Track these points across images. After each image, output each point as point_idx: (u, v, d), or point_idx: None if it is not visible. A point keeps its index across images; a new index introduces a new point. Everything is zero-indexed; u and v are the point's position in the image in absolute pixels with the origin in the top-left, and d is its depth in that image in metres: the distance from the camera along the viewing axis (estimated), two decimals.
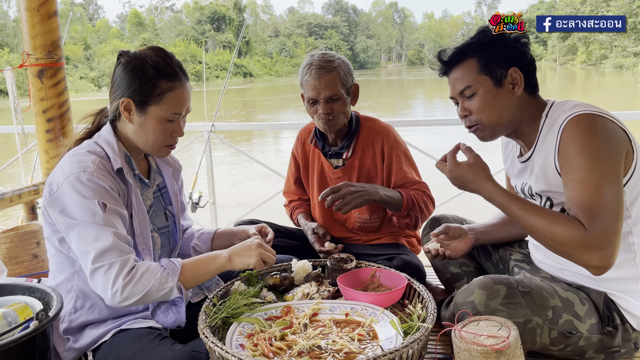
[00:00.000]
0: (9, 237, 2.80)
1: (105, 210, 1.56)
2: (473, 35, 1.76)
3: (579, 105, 1.61)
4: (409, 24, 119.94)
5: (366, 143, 2.41)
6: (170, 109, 1.69)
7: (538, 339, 1.60)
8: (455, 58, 1.74)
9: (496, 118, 1.71)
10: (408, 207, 2.28)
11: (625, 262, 1.64)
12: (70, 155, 1.66)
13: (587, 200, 1.47)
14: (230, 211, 6.96)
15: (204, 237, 2.09)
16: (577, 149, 1.52)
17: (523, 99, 1.72)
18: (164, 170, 1.94)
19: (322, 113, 2.27)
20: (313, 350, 1.45)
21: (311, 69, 2.24)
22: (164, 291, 1.58)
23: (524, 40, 1.71)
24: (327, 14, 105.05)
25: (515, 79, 1.69)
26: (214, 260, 1.71)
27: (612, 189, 1.47)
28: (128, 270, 1.54)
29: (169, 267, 1.61)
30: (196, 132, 4.63)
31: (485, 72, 1.69)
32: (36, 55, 3.01)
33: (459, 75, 1.73)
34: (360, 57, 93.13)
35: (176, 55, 1.77)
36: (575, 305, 1.63)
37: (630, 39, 38.59)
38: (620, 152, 1.52)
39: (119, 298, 1.53)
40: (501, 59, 1.68)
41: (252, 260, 1.71)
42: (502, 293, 1.58)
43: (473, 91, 1.71)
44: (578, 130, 1.54)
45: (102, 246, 1.53)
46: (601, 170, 1.48)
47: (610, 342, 1.64)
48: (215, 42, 67.35)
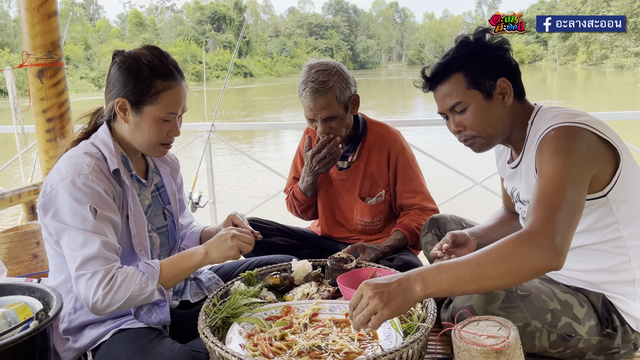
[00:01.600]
0: (9, 237, 2.80)
1: (95, 217, 1.56)
2: (455, 49, 1.70)
3: (561, 115, 1.58)
4: (410, 24, 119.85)
5: (372, 147, 2.42)
6: (166, 108, 1.68)
7: (537, 342, 1.60)
8: (440, 74, 1.70)
9: (491, 130, 1.69)
10: (413, 239, 2.37)
11: (620, 265, 1.63)
12: (66, 157, 1.65)
13: (549, 195, 1.41)
14: (230, 211, 6.95)
15: (192, 237, 2.10)
16: (550, 150, 1.49)
17: (513, 107, 1.70)
18: (162, 169, 1.94)
19: (320, 132, 2.28)
20: (313, 350, 1.45)
21: (306, 89, 2.21)
22: (144, 294, 1.59)
23: (507, 46, 1.69)
24: (327, 14, 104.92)
25: (505, 89, 1.67)
26: (190, 257, 1.71)
27: (576, 191, 1.42)
28: (109, 279, 1.54)
29: (148, 270, 1.62)
30: (196, 132, 4.63)
31: (474, 85, 1.65)
32: (36, 55, 3.01)
33: (447, 91, 1.69)
34: (360, 57, 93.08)
35: (176, 56, 1.79)
36: (574, 307, 1.62)
37: (631, 39, 38.58)
38: (592, 164, 1.49)
39: (100, 306, 1.55)
40: (488, 70, 1.65)
41: (231, 253, 1.71)
42: (501, 297, 1.58)
43: (464, 106, 1.68)
44: (553, 138, 1.51)
45: (88, 253, 1.53)
46: (571, 170, 1.44)
47: (609, 344, 1.64)
48: (215, 42, 67.34)
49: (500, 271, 1.31)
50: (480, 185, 4.22)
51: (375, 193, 2.46)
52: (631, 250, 1.62)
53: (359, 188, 2.46)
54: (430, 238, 2.21)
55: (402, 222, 2.42)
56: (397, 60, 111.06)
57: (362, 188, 2.46)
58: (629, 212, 1.60)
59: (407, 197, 2.44)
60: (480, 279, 1.31)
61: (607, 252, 1.62)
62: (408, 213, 2.44)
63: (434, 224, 2.23)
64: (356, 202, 2.49)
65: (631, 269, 1.63)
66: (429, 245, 2.22)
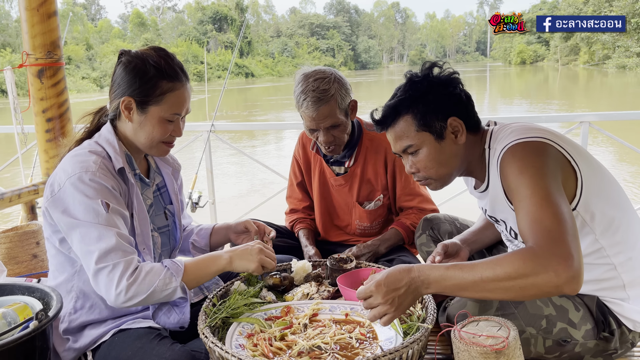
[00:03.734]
0: (9, 237, 2.80)
1: (108, 210, 1.56)
2: (403, 89, 1.67)
3: (514, 132, 1.56)
4: (411, 24, 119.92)
5: (369, 152, 2.40)
6: (170, 109, 1.69)
7: (532, 348, 1.59)
8: (390, 117, 1.67)
9: (445, 170, 1.68)
10: (409, 236, 2.37)
11: (606, 273, 1.60)
12: (71, 156, 1.66)
13: (536, 216, 1.35)
14: (230, 211, 6.96)
15: (202, 232, 2.10)
16: (514, 171, 1.47)
17: (468, 142, 1.67)
18: (163, 169, 1.95)
19: (323, 142, 2.25)
20: (313, 351, 1.44)
21: (307, 99, 2.15)
22: (167, 291, 1.58)
23: (456, 81, 1.65)
24: (329, 14, 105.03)
25: (456, 127, 1.63)
26: (215, 261, 1.71)
27: (558, 200, 1.38)
28: (132, 270, 1.54)
29: (173, 267, 1.62)
30: (196, 132, 4.64)
31: (424, 127, 1.62)
32: (36, 55, 3.01)
33: (398, 133, 1.66)
34: (362, 57, 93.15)
35: (178, 56, 1.77)
36: (570, 312, 1.61)
37: (633, 39, 38.57)
38: (556, 169, 1.46)
39: (123, 298, 1.53)
40: (437, 110, 1.61)
41: (252, 266, 1.72)
42: (495, 304, 1.58)
43: (416, 148, 1.66)
44: (513, 158, 1.49)
45: (106, 247, 1.53)
46: (543, 185, 1.40)
47: (606, 347, 1.63)
48: (217, 43, 67.43)
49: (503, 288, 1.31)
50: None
51: (374, 197, 2.44)
52: (614, 257, 1.58)
53: (357, 193, 2.44)
54: (424, 239, 2.21)
55: (399, 220, 2.41)
56: (398, 60, 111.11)
57: (360, 193, 2.44)
58: (602, 222, 1.55)
59: (405, 200, 2.43)
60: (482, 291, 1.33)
61: (591, 264, 1.58)
62: (407, 213, 2.43)
63: (428, 225, 2.22)
64: (354, 207, 2.47)
65: (618, 275, 1.60)
66: (423, 246, 2.22)
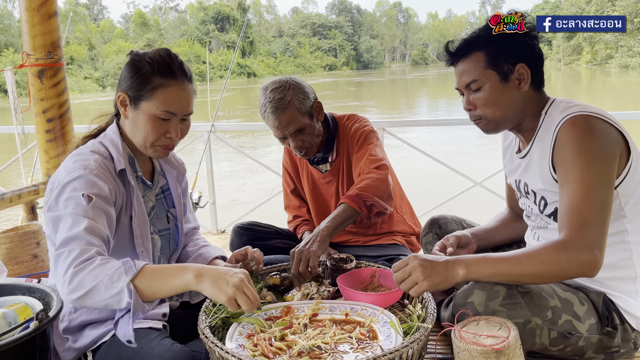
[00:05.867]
0: (9, 237, 2.81)
1: (89, 203, 1.53)
2: (481, 27, 1.73)
3: (576, 105, 1.61)
4: (413, 24, 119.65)
5: (347, 141, 2.41)
6: (161, 105, 1.66)
7: (538, 339, 1.59)
8: (462, 50, 1.72)
9: (501, 113, 1.71)
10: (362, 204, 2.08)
11: (621, 261, 1.64)
12: (73, 155, 1.67)
13: (578, 203, 1.49)
14: (230, 211, 6.96)
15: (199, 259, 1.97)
16: (573, 149, 1.53)
17: (528, 95, 1.71)
18: (168, 172, 1.94)
19: (294, 147, 2.29)
20: (313, 351, 1.44)
21: (267, 111, 2.21)
22: (113, 290, 1.41)
23: (534, 34, 1.69)
24: (331, 14, 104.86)
25: (522, 75, 1.67)
26: (179, 274, 1.46)
27: (604, 192, 1.50)
28: (84, 259, 1.44)
29: (127, 265, 1.45)
30: (196, 132, 4.65)
31: (492, 66, 1.67)
32: (36, 56, 3.02)
33: (466, 68, 1.71)
34: (364, 57, 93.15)
35: (180, 55, 1.77)
36: (575, 305, 1.62)
37: (635, 39, 38.49)
38: (614, 154, 1.54)
39: (67, 288, 1.42)
40: (509, 53, 1.66)
41: (222, 297, 1.43)
42: (502, 294, 1.58)
43: (479, 85, 1.70)
44: (574, 131, 1.54)
45: (71, 234, 1.48)
46: (595, 172, 1.50)
47: (609, 343, 1.63)
48: (219, 43, 67.44)
49: (537, 273, 1.50)
50: (480, 185, 4.22)
51: None
52: (634, 245, 1.63)
53: (346, 187, 2.43)
54: (430, 238, 2.21)
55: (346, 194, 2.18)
56: (400, 60, 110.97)
57: (348, 186, 2.42)
58: (636, 207, 1.62)
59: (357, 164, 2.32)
60: (518, 275, 1.50)
61: (610, 246, 1.61)
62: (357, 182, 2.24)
63: (435, 224, 2.22)
64: None
65: (633, 265, 1.64)
66: (429, 245, 2.21)
